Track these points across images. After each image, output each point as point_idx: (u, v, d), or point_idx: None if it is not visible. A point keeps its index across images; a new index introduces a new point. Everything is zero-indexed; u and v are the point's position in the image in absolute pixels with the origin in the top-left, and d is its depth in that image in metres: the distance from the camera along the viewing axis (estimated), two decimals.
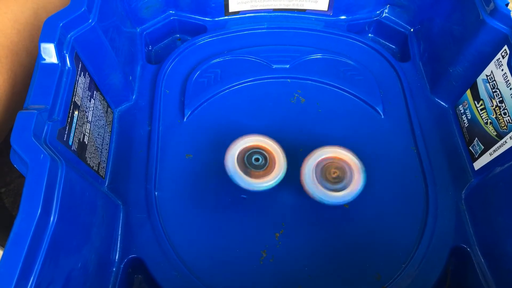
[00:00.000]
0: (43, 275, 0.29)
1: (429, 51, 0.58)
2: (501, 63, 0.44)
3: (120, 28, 0.52)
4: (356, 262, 0.43)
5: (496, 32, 0.46)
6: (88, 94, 0.44)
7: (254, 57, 0.57)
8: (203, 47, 0.59)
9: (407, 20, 0.62)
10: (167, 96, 0.54)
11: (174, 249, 0.43)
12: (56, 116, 0.36)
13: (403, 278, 0.42)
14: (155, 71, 0.56)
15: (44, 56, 0.38)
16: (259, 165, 0.43)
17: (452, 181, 0.48)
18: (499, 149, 0.44)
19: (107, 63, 0.47)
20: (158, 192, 0.46)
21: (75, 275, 0.34)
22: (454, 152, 0.50)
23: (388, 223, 0.45)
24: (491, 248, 0.42)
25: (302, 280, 0.42)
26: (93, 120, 0.44)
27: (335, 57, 0.58)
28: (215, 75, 0.55)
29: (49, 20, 0.40)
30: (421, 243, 0.44)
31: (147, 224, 0.44)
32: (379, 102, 0.54)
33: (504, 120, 0.43)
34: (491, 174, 0.44)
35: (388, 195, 0.47)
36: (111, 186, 0.46)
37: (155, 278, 0.41)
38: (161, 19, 0.61)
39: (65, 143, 0.37)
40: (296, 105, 0.54)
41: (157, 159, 0.48)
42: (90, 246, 0.37)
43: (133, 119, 0.52)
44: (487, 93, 0.47)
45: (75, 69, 0.40)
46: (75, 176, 0.36)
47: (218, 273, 0.42)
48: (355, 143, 0.51)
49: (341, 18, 0.63)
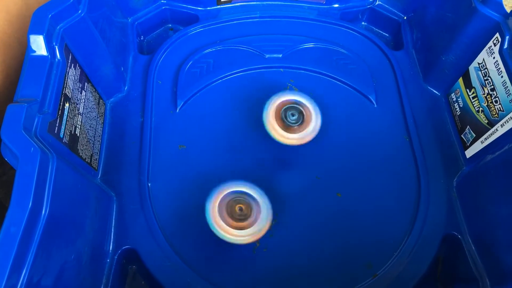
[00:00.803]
0: (36, 267, 0.30)
1: (422, 39, 0.57)
2: (493, 51, 0.44)
3: (111, 18, 0.51)
4: (348, 251, 0.44)
5: (488, 20, 0.45)
6: (79, 86, 0.43)
7: (246, 47, 0.57)
8: (195, 37, 0.59)
9: (400, 8, 0.62)
10: (160, 86, 0.54)
11: (168, 240, 0.43)
12: (47, 109, 0.36)
13: (394, 266, 0.42)
14: (147, 62, 0.56)
15: (33, 48, 0.38)
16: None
17: (444, 169, 0.48)
18: (490, 137, 0.44)
19: (97, 54, 0.47)
20: (151, 183, 0.46)
21: (69, 267, 0.35)
22: (446, 140, 0.51)
23: (380, 211, 0.46)
24: (481, 235, 0.42)
25: (295, 269, 0.43)
26: (85, 112, 0.44)
27: (328, 46, 0.58)
28: (207, 65, 0.55)
29: (38, 12, 0.40)
30: (413, 231, 0.44)
31: (140, 215, 0.44)
32: (372, 91, 0.54)
33: (495, 108, 0.44)
34: (482, 162, 0.44)
35: (380, 184, 0.47)
36: (104, 177, 0.46)
37: (149, 268, 0.42)
38: (153, 8, 0.61)
39: (56, 135, 0.37)
40: None
41: (150, 150, 0.48)
42: (83, 238, 0.37)
43: (126, 110, 0.52)
44: (479, 81, 0.47)
45: (65, 61, 0.40)
46: (67, 169, 0.36)
47: (211, 262, 0.43)
48: (348, 132, 0.51)
49: (334, 7, 0.63)
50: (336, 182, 0.47)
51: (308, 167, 0.48)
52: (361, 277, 0.42)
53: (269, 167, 0.48)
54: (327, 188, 0.47)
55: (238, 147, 0.50)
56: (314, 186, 0.47)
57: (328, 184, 0.47)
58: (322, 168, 0.48)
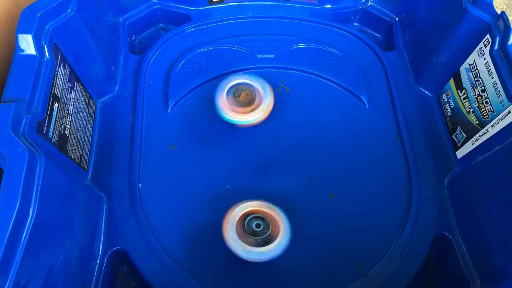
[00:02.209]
0: (23, 269, 0.29)
1: (414, 40, 0.58)
2: (483, 52, 0.45)
3: (101, 17, 0.51)
4: (340, 251, 0.44)
5: (479, 21, 0.46)
6: (68, 85, 0.43)
7: (238, 47, 0.57)
8: (187, 37, 0.58)
9: (392, 8, 0.62)
10: (151, 86, 0.53)
11: (159, 241, 0.43)
12: (35, 109, 0.36)
13: (386, 266, 0.42)
14: (138, 62, 0.55)
15: (22, 47, 0.38)
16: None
17: (435, 170, 0.48)
18: (481, 138, 0.44)
19: (87, 54, 0.46)
20: (142, 183, 0.46)
21: (57, 269, 0.34)
22: (438, 141, 0.51)
23: (371, 212, 0.46)
24: (472, 236, 0.43)
25: (286, 270, 0.43)
26: (74, 112, 0.44)
27: (320, 46, 0.58)
28: (199, 65, 0.55)
29: (27, 10, 0.39)
30: (404, 231, 0.44)
31: (131, 216, 0.44)
32: (364, 92, 0.54)
33: (486, 109, 0.44)
34: (473, 162, 0.45)
35: (372, 184, 0.47)
36: (94, 178, 0.46)
37: (139, 269, 0.41)
38: (144, 8, 0.60)
39: (45, 135, 0.37)
40: (281, 95, 0.54)
41: (141, 150, 0.48)
42: (72, 239, 0.37)
43: (116, 110, 0.51)
44: (469, 82, 0.47)
45: (54, 60, 0.40)
46: (56, 169, 0.35)
47: (202, 264, 0.42)
48: (339, 133, 0.51)
49: (327, 7, 0.63)
50: (328, 182, 0.47)
51: (300, 168, 0.48)
52: (353, 277, 0.42)
53: (262, 167, 0.48)
54: (319, 189, 0.47)
55: (229, 148, 0.49)
56: (306, 186, 0.47)
57: (320, 184, 0.47)
58: (314, 169, 0.48)
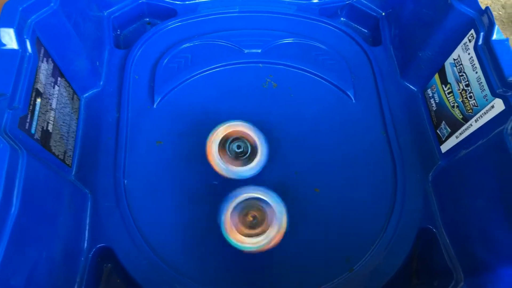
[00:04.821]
0: (5, 266, 0.29)
1: (400, 35, 0.58)
2: (468, 47, 0.45)
3: (86, 11, 0.50)
4: (325, 245, 0.44)
5: (464, 16, 0.46)
6: (51, 80, 0.42)
7: (225, 42, 0.57)
8: (173, 32, 0.58)
9: (379, 4, 0.62)
10: (136, 81, 0.53)
11: (144, 238, 0.42)
12: (17, 104, 0.35)
13: (371, 260, 0.43)
14: (124, 56, 0.55)
15: (3, 41, 0.37)
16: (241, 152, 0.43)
17: (420, 164, 0.49)
18: (465, 132, 0.45)
19: (71, 49, 0.46)
20: (127, 180, 0.46)
21: (41, 265, 0.34)
22: (422, 135, 0.51)
23: (357, 206, 0.46)
24: (455, 229, 0.43)
25: (272, 263, 0.43)
26: (58, 107, 0.43)
27: (307, 41, 0.58)
28: (185, 60, 0.55)
29: (8, 4, 0.39)
30: (389, 225, 0.44)
31: (116, 212, 0.43)
32: (351, 87, 0.54)
33: (470, 103, 0.44)
34: (457, 156, 0.45)
35: (358, 179, 0.48)
36: (78, 174, 0.45)
37: (125, 266, 0.41)
38: (129, 2, 0.60)
39: (27, 131, 0.36)
40: (268, 90, 0.54)
41: (126, 146, 0.48)
42: (56, 236, 0.37)
43: (101, 105, 0.51)
44: (454, 76, 0.47)
45: (36, 55, 0.39)
46: (38, 165, 0.35)
47: (188, 260, 0.42)
48: (326, 128, 0.51)
49: (314, 2, 0.63)
50: (314, 177, 0.47)
51: (286, 163, 0.48)
52: (338, 271, 0.42)
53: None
54: (305, 183, 0.47)
55: None
56: (292, 181, 0.47)
57: (306, 179, 0.47)
58: (300, 164, 0.48)
